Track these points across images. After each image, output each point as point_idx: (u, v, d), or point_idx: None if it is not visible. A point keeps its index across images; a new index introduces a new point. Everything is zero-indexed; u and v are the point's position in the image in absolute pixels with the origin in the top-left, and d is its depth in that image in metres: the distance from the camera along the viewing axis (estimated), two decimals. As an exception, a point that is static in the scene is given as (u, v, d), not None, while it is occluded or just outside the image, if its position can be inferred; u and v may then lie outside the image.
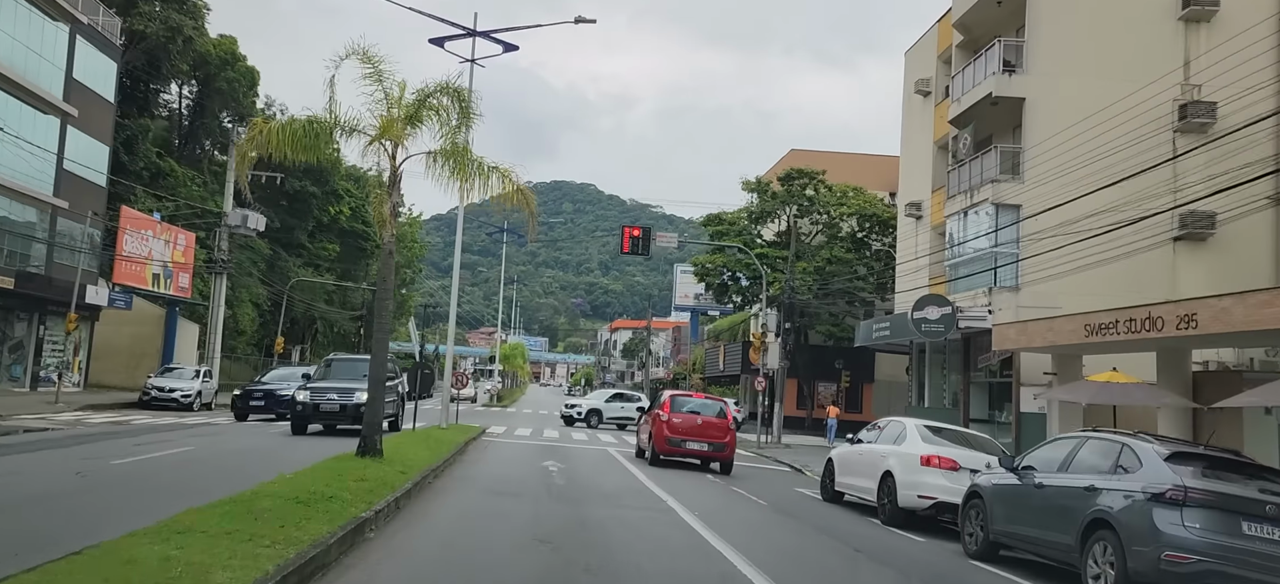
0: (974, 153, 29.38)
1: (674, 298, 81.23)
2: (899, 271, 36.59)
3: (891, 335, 32.36)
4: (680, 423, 21.10)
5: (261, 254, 54.84)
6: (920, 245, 34.23)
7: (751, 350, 47.56)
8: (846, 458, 17.18)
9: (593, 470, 18.99)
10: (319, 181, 58.34)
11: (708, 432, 21.10)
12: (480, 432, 27.66)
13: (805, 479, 23.35)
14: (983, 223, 28.16)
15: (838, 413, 38.09)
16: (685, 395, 23.12)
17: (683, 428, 21.04)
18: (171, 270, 44.64)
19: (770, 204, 45.20)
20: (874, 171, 47.60)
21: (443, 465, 16.29)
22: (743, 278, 46.67)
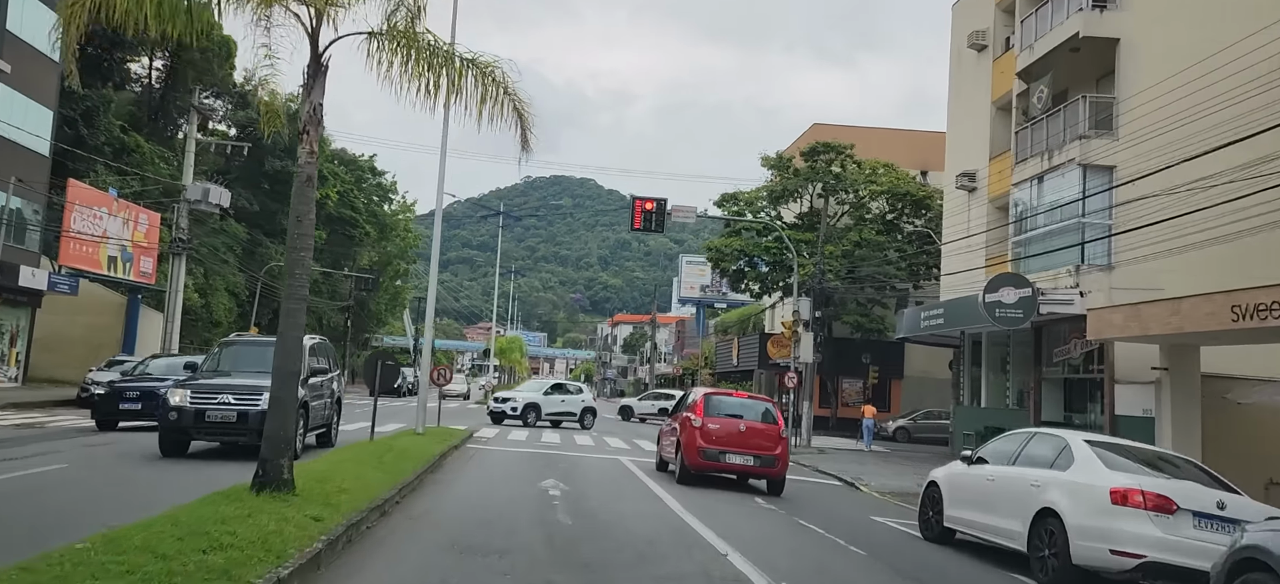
0: (1052, 107, 24.33)
1: (679, 289, 76.13)
2: (946, 252, 31.57)
3: (945, 324, 27.31)
4: (718, 430, 16.05)
5: (238, 239, 49.71)
6: (974, 221, 29.20)
7: (770, 343, 42.58)
8: (962, 484, 12.13)
9: (608, 497, 13.92)
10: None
11: (753, 441, 16.05)
12: (466, 436, 22.61)
13: (866, 499, 18.34)
14: (1065, 189, 23.12)
15: (874, 413, 33.05)
16: (723, 394, 17.99)
17: (721, 436, 16.00)
18: (132, 254, 39.51)
19: (792, 182, 40.18)
20: (904, 147, 42.57)
21: (398, 494, 11.22)
22: (761, 263, 41.62)
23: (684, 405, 17.55)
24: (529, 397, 32.55)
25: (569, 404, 32.94)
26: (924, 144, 43.97)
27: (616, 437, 29.07)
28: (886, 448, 33.42)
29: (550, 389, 34.24)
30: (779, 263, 40.60)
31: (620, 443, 26.41)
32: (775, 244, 40.22)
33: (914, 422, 39.82)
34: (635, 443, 26.93)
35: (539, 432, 29.03)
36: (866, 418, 32.14)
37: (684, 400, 18.08)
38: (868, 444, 31.51)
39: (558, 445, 23.69)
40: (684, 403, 17.77)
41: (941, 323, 27.43)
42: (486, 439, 23.78)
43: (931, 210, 39.44)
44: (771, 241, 40.33)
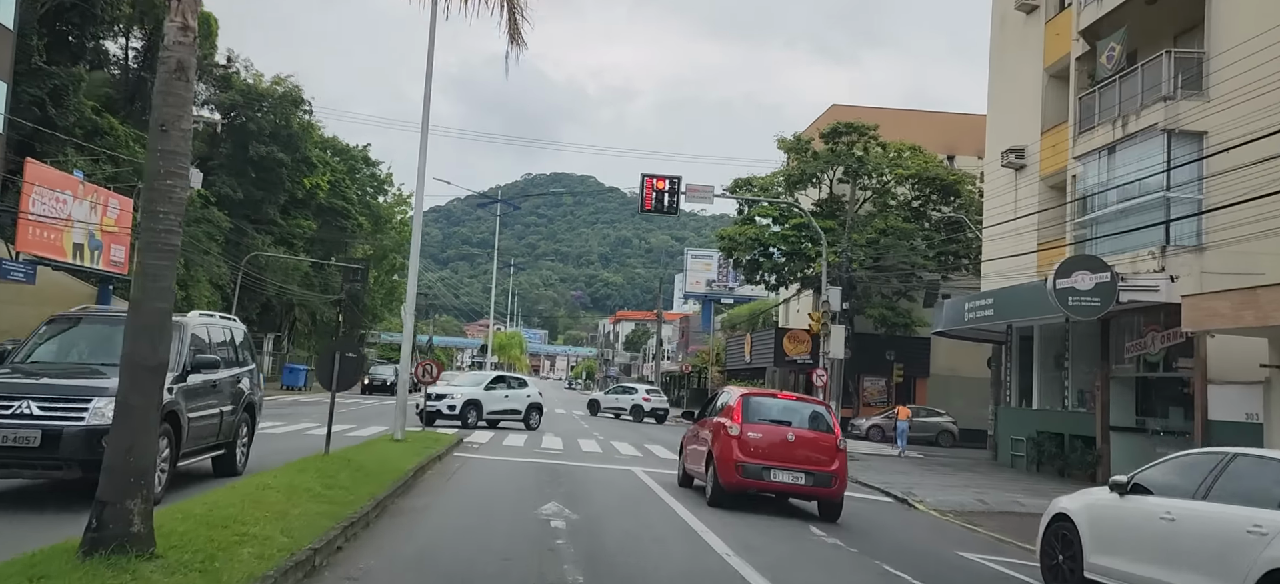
0: (1125, 67, 21.02)
1: (684, 285, 72.87)
2: (988, 237, 28.29)
3: (995, 315, 24.02)
4: (760, 440, 12.75)
5: (220, 227, 46.33)
6: (1023, 201, 25.91)
7: (786, 338, 39.41)
8: (1116, 521, 8.78)
9: (628, 531, 10.63)
10: (288, 147, 49.83)
11: (805, 454, 12.76)
12: (453, 443, 19.30)
13: (930, 521, 15.06)
14: (1145, 158, 19.80)
15: (909, 414, 29.71)
16: (766, 396, 14.59)
17: (765, 448, 12.69)
18: (101, 241, 36.20)
19: (812, 166, 36.87)
20: (928, 130, 39.22)
21: (342, 535, 7.91)
22: (777, 252, 38.32)
23: (715, 408, 14.23)
24: (468, 391, 26.98)
25: (513, 400, 27.81)
26: (950, 126, 40.71)
27: (624, 441, 25.76)
28: (919, 452, 30.12)
29: (492, 382, 28.66)
30: (796, 252, 37.33)
31: (630, 449, 23.10)
32: (793, 232, 36.96)
33: (888, 420, 36.65)
34: (647, 449, 23.62)
35: (539, 435, 25.73)
36: (901, 420, 28.81)
37: (713, 402, 14.75)
38: (902, 447, 28.24)
39: (560, 453, 20.37)
40: (714, 405, 14.45)
41: (991, 314, 24.13)
42: (476, 446, 20.45)
43: (961, 196, 36.20)
44: (788, 229, 37.07)
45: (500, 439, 23.04)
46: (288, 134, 49.71)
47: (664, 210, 26.32)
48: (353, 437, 19.46)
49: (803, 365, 40.57)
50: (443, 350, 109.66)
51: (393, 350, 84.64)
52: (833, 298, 26.86)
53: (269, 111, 49.15)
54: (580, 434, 27.36)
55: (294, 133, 50.11)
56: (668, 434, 31.17)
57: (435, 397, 25.40)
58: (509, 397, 27.92)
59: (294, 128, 50.06)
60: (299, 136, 50.66)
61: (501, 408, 27.31)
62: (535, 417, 27.92)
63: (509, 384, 28.76)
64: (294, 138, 50.22)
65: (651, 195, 26.14)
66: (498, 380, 28.06)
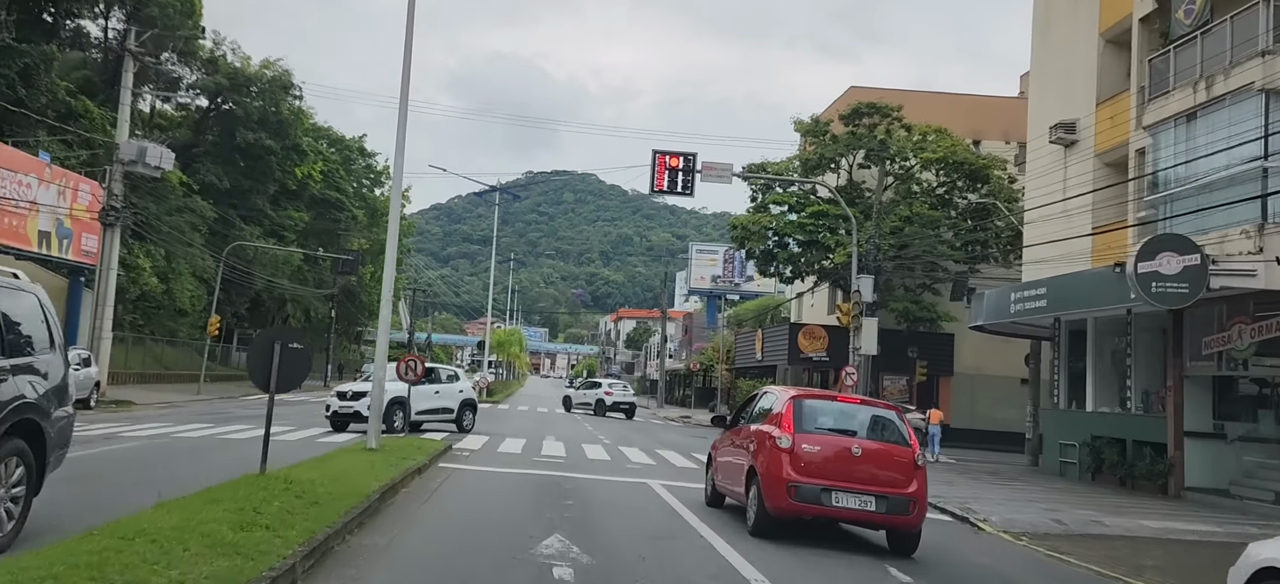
0: (1207, 21, 18.20)
1: (689, 280, 70.05)
2: (1029, 220, 25.50)
3: (1049, 306, 21.22)
4: (819, 454, 9.94)
5: (204, 217, 43.48)
6: (1073, 181, 23.10)
7: (802, 334, 36.62)
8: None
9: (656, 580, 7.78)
10: (277, 134, 46.98)
11: (875, 471, 9.95)
12: (441, 450, 16.50)
13: (1011, 549, 12.28)
14: (1234, 124, 16.98)
15: (941, 416, 26.90)
16: (822, 398, 11.54)
17: (826, 465, 9.89)
18: (71, 229, 33.39)
19: (830, 149, 34.04)
20: (952, 113, 36.32)
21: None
22: (793, 242, 35.50)
23: (755, 413, 11.40)
24: (393, 390, 20.46)
25: (444, 398, 22.78)
26: (976, 109, 37.92)
27: (634, 446, 22.92)
28: (952, 457, 27.32)
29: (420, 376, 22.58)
30: (814, 242, 34.51)
31: (641, 456, 20.27)
32: (811, 220, 34.14)
33: (923, 422, 34.10)
34: (660, 456, 20.80)
35: (539, 439, 22.92)
36: (933, 424, 25.99)
37: (750, 406, 11.90)
38: (935, 453, 25.44)
39: (563, 462, 17.55)
40: (753, 409, 11.61)
41: (1043, 306, 21.32)
42: (466, 454, 17.62)
43: (990, 182, 33.40)
44: (806, 218, 34.26)
45: (495, 445, 20.21)
46: (277, 120, 46.89)
47: (677, 191, 23.54)
48: (322, 444, 16.67)
49: (819, 363, 37.81)
50: (442, 348, 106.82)
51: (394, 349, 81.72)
52: (864, 287, 24.06)
53: (258, 96, 46.32)
54: (584, 438, 24.54)
55: (284, 119, 47.30)
56: (679, 437, 28.37)
57: (351, 395, 20.78)
58: (439, 393, 22.58)
59: (284, 114, 47.23)
60: (289, 123, 47.84)
61: (430, 406, 22.25)
62: (468, 417, 23.04)
63: (438, 378, 23.21)
64: (284, 124, 47.41)
65: (664, 174, 23.38)
66: (426, 376, 21.68)
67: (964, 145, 33.39)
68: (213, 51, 45.59)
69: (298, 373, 9.42)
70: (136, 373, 40.19)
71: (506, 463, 16.59)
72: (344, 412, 20.51)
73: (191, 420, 21.85)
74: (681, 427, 35.44)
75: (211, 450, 14.31)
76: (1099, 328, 22.01)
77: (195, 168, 45.31)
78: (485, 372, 54.59)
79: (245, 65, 46.05)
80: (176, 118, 50.20)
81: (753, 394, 12.26)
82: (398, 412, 19.98)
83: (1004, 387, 35.66)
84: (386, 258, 15.34)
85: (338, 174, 56.98)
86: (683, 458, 20.45)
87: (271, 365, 9.11)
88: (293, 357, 9.30)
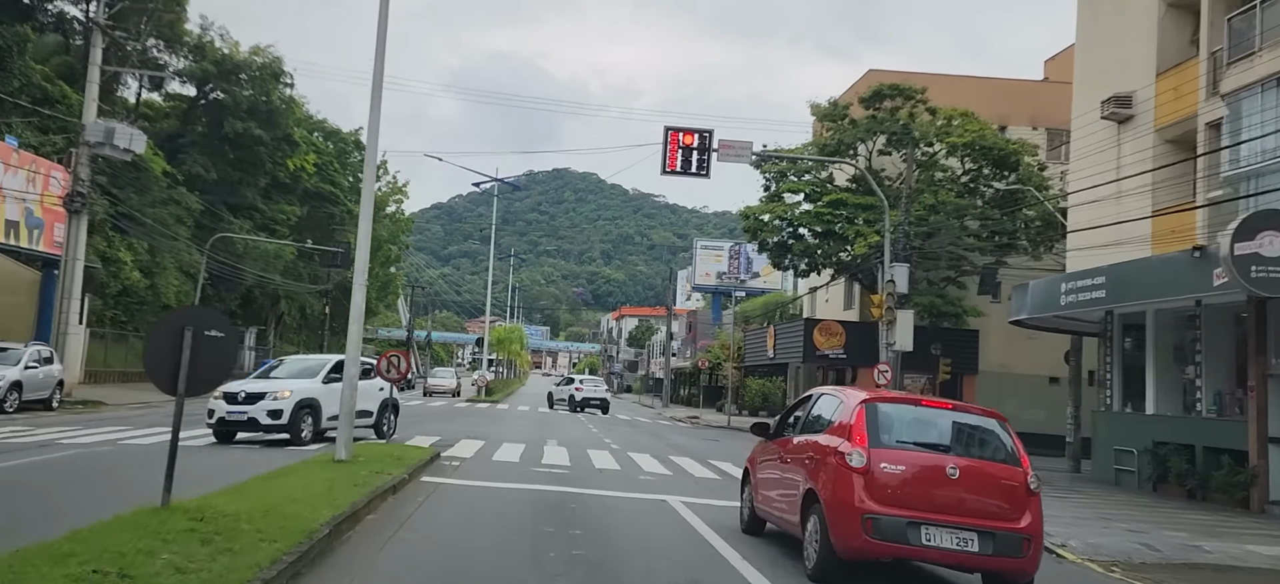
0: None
1: (693, 277, 67.56)
2: (1073, 203, 23.10)
3: (1109, 296, 18.80)
4: (905, 477, 7.51)
5: (190, 209, 41.06)
6: (1128, 159, 20.69)
7: (818, 331, 34.22)
8: None
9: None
10: (267, 124, 44.51)
11: (977, 499, 7.55)
12: (427, 459, 14.10)
13: (1098, 581, 9.82)
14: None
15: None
16: (903, 402, 9.05)
17: (913, 490, 7.47)
18: (41, 219, 31.00)
19: (849, 134, 31.62)
20: (976, 98, 33.80)
21: None
22: (808, 234, 33.08)
23: (810, 421, 8.95)
24: (302, 389, 16.61)
25: (362, 398, 16.17)
26: (1001, 93, 35.50)
27: (644, 452, 20.47)
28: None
29: (329, 374, 17.21)
30: (830, 233, 32.10)
31: (654, 464, 17.82)
32: (828, 210, 31.70)
33: None
34: (674, 463, 18.36)
35: (540, 444, 20.51)
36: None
37: (801, 411, 9.42)
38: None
39: (567, 472, 15.12)
40: (806, 416, 9.14)
41: (1102, 296, 18.90)
42: (455, 465, 15.19)
43: (1020, 168, 30.99)
44: (823, 207, 31.83)
45: (491, 451, 17.77)
46: (267, 109, 44.44)
47: (691, 171, 21.11)
48: (289, 454, 14.26)
49: (835, 361, 35.37)
50: (441, 346, 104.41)
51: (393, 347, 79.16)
52: (898, 277, 21.63)
53: (247, 84, 43.87)
54: (589, 443, 22.10)
55: (274, 108, 44.84)
56: (692, 441, 25.96)
57: (244, 397, 15.91)
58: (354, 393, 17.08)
59: (274, 103, 44.77)
60: (280, 113, 45.39)
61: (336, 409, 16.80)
62: (388, 419, 18.32)
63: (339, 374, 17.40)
64: (274, 114, 44.96)
65: (677, 153, 20.97)
66: (338, 369, 16.74)
67: (992, 130, 30.96)
68: (200, 38, 43.15)
69: (218, 368, 6.99)
70: (118, 371, 37.82)
71: (502, 475, 14.17)
72: (233, 419, 15.72)
73: (159, 424, 19.40)
74: (692, 428, 33.05)
75: (148, 464, 11.92)
76: (1161, 321, 19.58)
77: (181, 158, 42.92)
78: (483, 370, 52.05)
79: (234, 51, 43.60)
80: (164, 108, 47.79)
81: (804, 396, 9.83)
82: (307, 418, 16.19)
83: (1032, 386, 33.30)
84: (360, 232, 12.93)
85: (332, 167, 54.51)
86: (701, 466, 18.04)
87: (180, 358, 6.68)
88: (212, 348, 6.86)
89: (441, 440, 19.00)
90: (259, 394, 16.07)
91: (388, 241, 70.94)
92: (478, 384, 47.49)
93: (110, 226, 36.95)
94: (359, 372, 13.63)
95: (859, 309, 35.97)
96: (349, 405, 12.29)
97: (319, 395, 16.60)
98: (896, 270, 21.78)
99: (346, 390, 12.32)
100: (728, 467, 18.38)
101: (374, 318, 77.67)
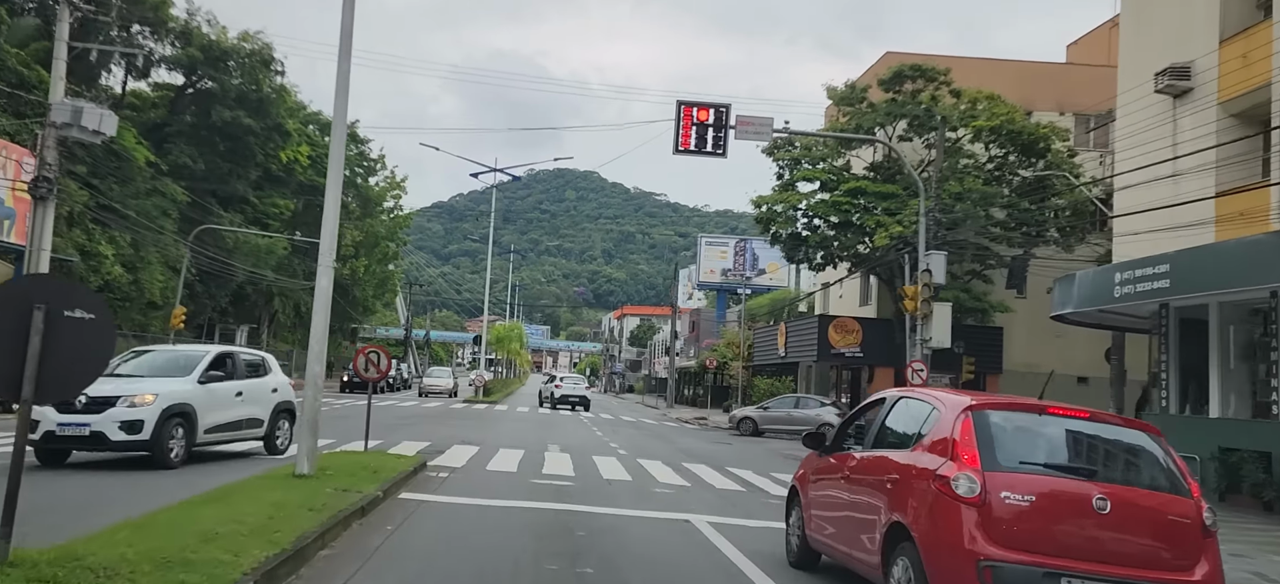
0: None
1: (697, 275, 65.51)
2: (1120, 186, 21.07)
3: (1174, 287, 16.76)
4: (1035, 511, 5.47)
5: (174, 200, 39.01)
6: (1186, 136, 18.68)
7: (832, 327, 32.24)
8: None
9: None
10: (257, 113, 42.47)
11: (1133, 538, 5.48)
12: (411, 469, 12.07)
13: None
14: None
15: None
16: (1023, 409, 6.96)
17: (1052, 529, 5.44)
18: (12, 209, 29.01)
19: (867, 118, 29.60)
20: (998, 81, 31.75)
21: None
22: (823, 224, 31.08)
23: (885, 432, 6.91)
24: (172, 392, 12.13)
25: (249, 402, 13.53)
26: (1025, 76, 33.48)
27: (655, 458, 18.42)
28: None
29: (209, 371, 12.92)
30: (848, 224, 30.10)
31: (668, 473, 15.77)
32: (846, 199, 29.69)
33: (766, 411, 30.38)
34: (690, 471, 16.31)
35: (540, 449, 18.49)
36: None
37: (875, 418, 7.35)
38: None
39: (572, 487, 13.07)
40: (881, 424, 7.07)
41: (1167, 285, 16.86)
42: (445, 476, 13.15)
43: (1049, 154, 29.00)
44: (841, 196, 29.83)
45: (485, 459, 15.72)
46: (257, 98, 42.38)
47: (707, 150, 19.08)
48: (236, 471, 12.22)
49: (851, 360, 33.38)
50: (440, 346, 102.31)
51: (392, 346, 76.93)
52: (935, 266, 19.57)
53: (236, 71, 41.83)
54: (595, 448, 20.05)
55: (264, 97, 42.78)
56: (704, 445, 23.91)
57: (87, 403, 11.17)
58: (243, 396, 13.33)
59: (264, 91, 42.71)
60: (270, 101, 43.33)
61: (230, 417, 13.12)
62: (283, 428, 14.18)
63: (236, 371, 13.53)
64: (264, 102, 42.90)
65: (691, 130, 18.93)
66: (216, 366, 13.10)
67: (1020, 113, 28.94)
68: (187, 23, 41.10)
69: (85, 364, 4.95)
70: (98, 371, 35.72)
71: (497, 488, 12.13)
72: (67, 433, 11.33)
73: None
74: (700, 431, 31.01)
75: (52, 486, 9.85)
76: (1227, 315, 17.54)
77: (168, 148, 40.90)
78: (481, 370, 49.95)
79: (222, 38, 41.54)
80: (152, 98, 45.77)
81: (870, 400, 7.78)
82: (176, 430, 11.94)
83: (1060, 386, 31.24)
84: (327, 202, 11.00)
85: (326, 160, 52.37)
86: (719, 475, 16.01)
87: (24, 350, 4.64)
88: (76, 336, 4.81)
89: (431, 446, 16.97)
90: (108, 399, 11.36)
91: (385, 238, 68.91)
92: (475, 384, 45.42)
93: (91, 219, 34.95)
94: (272, 366, 11.57)
95: (876, 305, 33.97)
96: (312, 409, 10.22)
97: (194, 400, 12.23)
98: (932, 259, 19.73)
99: (310, 392, 10.27)
100: (748, 475, 16.38)
101: (372, 316, 75.60)
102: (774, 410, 30.00)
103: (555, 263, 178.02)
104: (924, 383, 19.48)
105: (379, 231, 66.69)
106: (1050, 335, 32.20)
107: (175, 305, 35.74)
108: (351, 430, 16.87)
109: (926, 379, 19.70)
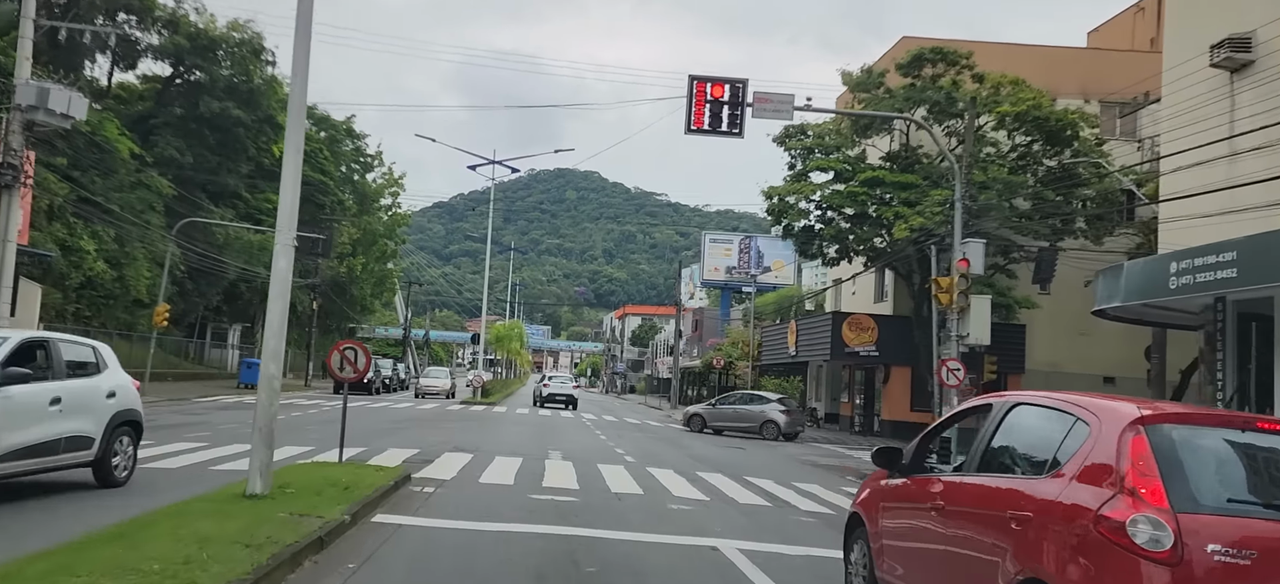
0: None
1: (700, 273, 63.74)
2: (1166, 169, 19.33)
3: (1242, 277, 15.00)
4: (1249, 571, 3.69)
5: (161, 195, 37.27)
6: (1244, 114, 16.93)
7: (846, 325, 30.53)
8: None
9: None
10: (247, 104, 40.73)
11: None
12: (387, 487, 10.31)
13: None
14: None
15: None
16: (1211, 422, 4.77)
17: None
18: (-16, 200, 27.19)
19: (885, 104, 27.84)
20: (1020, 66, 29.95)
21: None
22: (837, 217, 29.35)
23: (997, 452, 5.19)
24: None
25: (69, 412, 8.98)
26: (1048, 61, 31.68)
27: (667, 466, 16.68)
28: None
29: (10, 364, 8.36)
30: (864, 216, 28.39)
31: (684, 485, 14.01)
32: (863, 190, 27.95)
33: (714, 408, 30.65)
34: (706, 482, 14.56)
35: (540, 457, 16.75)
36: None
37: (982, 437, 5.61)
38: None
39: (576, 503, 11.33)
40: (990, 443, 5.34)
41: (1233, 275, 15.10)
42: (431, 490, 11.40)
43: (1077, 141, 27.27)
44: (857, 186, 28.10)
45: (478, 470, 13.96)
46: (247, 89, 40.67)
47: (721, 130, 17.33)
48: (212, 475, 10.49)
49: (866, 359, 31.65)
50: (440, 345, 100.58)
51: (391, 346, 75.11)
52: (973, 256, 17.79)
53: (225, 61, 40.11)
54: (600, 455, 18.29)
55: (255, 88, 41.07)
56: (718, 451, 22.15)
57: None
58: (61, 405, 8.89)
59: (255, 82, 41.00)
60: (261, 93, 41.61)
61: (37, 437, 8.57)
62: (123, 450, 9.95)
63: (57, 369, 9.09)
64: (255, 94, 41.19)
65: (704, 108, 17.20)
66: (27, 353, 8.82)
67: (1047, 99, 27.19)
68: (174, 11, 39.39)
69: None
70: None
71: (490, 507, 10.38)
72: None
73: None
74: (710, 436, 29.25)
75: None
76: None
77: (154, 141, 39.19)
78: (479, 370, 48.22)
79: (210, 26, 39.82)
80: (139, 89, 44.07)
81: (968, 407, 6.06)
82: None
83: (1085, 386, 29.40)
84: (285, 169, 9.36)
85: (321, 155, 50.62)
86: (739, 487, 14.26)
87: None
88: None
89: (420, 454, 15.23)
90: None
91: (383, 236, 67.16)
92: (473, 385, 43.62)
93: (72, 213, 33.25)
94: (109, 362, 9.53)
95: (893, 301, 32.24)
96: (266, 414, 8.47)
97: None
98: (970, 248, 17.94)
99: (264, 403, 8.51)
100: (770, 486, 14.67)
101: (370, 316, 73.84)
102: (722, 407, 30.47)
103: (556, 262, 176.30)
104: (960, 383, 17.70)
105: (377, 229, 64.99)
106: (1073, 333, 30.48)
107: (163, 303, 33.94)
108: (336, 437, 15.13)
109: (963, 379, 17.93)
